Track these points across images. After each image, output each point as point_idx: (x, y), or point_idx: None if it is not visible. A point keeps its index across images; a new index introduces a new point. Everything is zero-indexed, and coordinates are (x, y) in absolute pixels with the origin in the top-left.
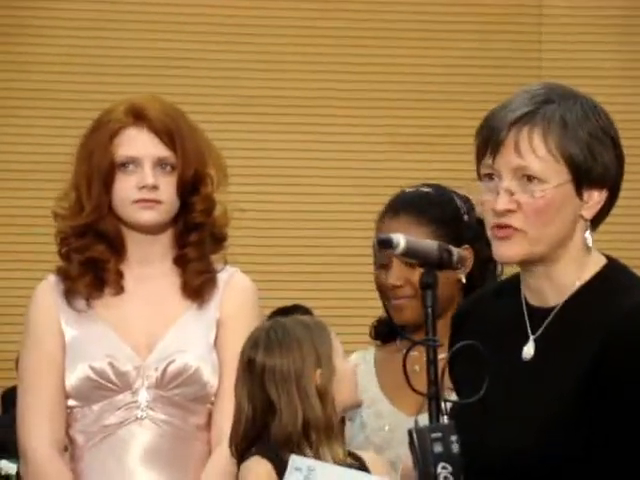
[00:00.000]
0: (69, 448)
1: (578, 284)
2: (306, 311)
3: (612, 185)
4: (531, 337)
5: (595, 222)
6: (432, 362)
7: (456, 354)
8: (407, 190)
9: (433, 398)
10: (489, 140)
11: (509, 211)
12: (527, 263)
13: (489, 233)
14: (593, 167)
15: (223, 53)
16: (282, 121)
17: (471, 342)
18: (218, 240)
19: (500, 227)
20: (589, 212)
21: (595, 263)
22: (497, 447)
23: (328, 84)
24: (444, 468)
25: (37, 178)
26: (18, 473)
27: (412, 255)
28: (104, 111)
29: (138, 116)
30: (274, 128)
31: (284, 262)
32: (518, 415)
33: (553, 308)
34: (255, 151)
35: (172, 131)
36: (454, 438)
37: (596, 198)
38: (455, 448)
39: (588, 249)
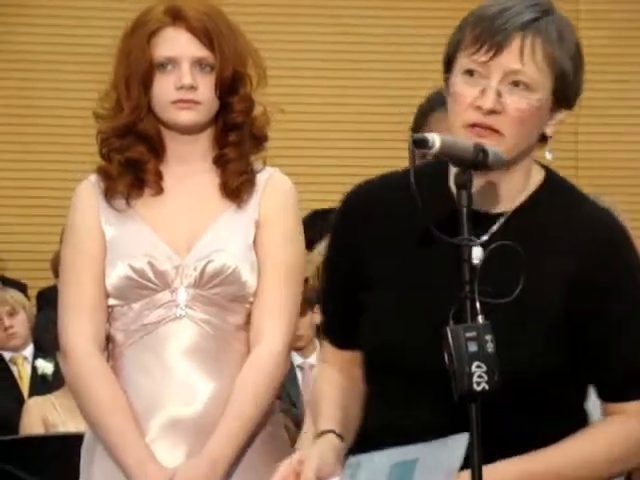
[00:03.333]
0: (109, 346)
1: (527, 192)
2: None
3: (572, 108)
4: (476, 240)
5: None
6: (467, 262)
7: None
8: None
9: (468, 298)
10: (489, 38)
11: (494, 111)
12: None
13: (458, 129)
14: (571, 86)
15: None
16: (326, 22)
17: (508, 242)
18: (258, 140)
19: (480, 127)
20: (551, 130)
21: (537, 173)
22: None
23: None
24: (478, 367)
25: (76, 77)
26: (54, 372)
27: (447, 155)
28: (143, 11)
29: (176, 16)
30: (318, 29)
31: (323, 164)
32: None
33: (499, 214)
34: (299, 52)
35: (210, 31)
36: (489, 337)
37: (558, 117)
38: (490, 347)
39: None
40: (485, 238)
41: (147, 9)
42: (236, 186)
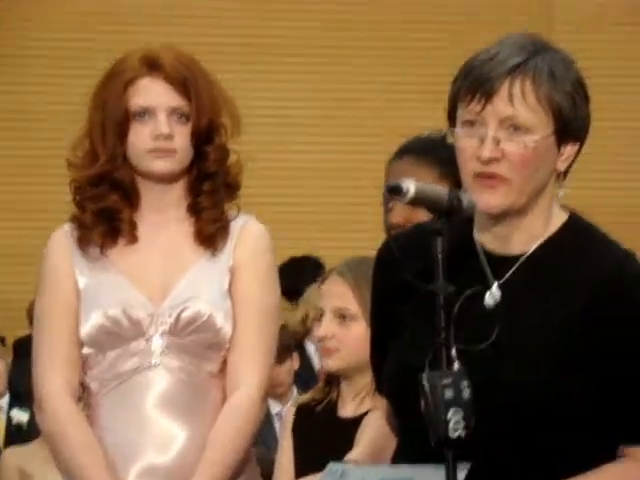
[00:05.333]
0: (84, 396)
1: (546, 234)
2: (316, 261)
3: (583, 139)
4: (495, 283)
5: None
6: (442, 308)
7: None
8: (416, 135)
9: (443, 345)
10: (479, 88)
11: (494, 159)
12: (504, 213)
13: (468, 181)
14: (574, 120)
15: (237, 2)
16: (299, 70)
17: (479, 288)
18: (232, 188)
19: (485, 176)
20: (563, 165)
21: (559, 215)
22: (490, 389)
23: (350, 34)
24: (455, 414)
25: (50, 127)
26: (29, 422)
27: (422, 202)
28: (118, 60)
29: (153, 65)
30: (289, 77)
31: (297, 211)
32: (501, 358)
33: (517, 256)
34: (271, 100)
35: (187, 80)
36: (465, 384)
37: (569, 151)
38: (466, 394)
39: (553, 201)
40: (503, 280)
41: (122, 58)
42: (210, 234)
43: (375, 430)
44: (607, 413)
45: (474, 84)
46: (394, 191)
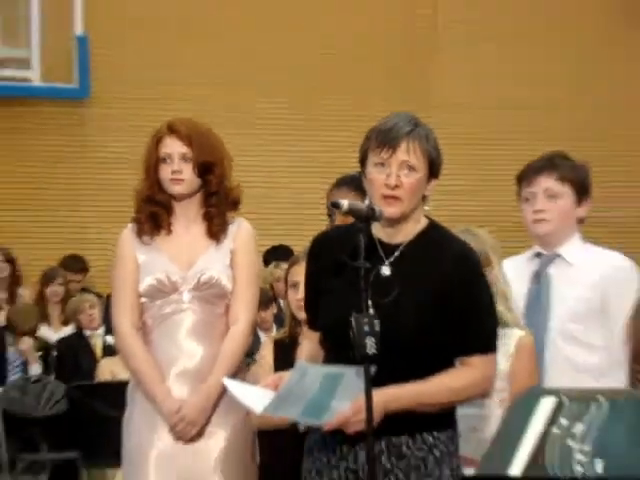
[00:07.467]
0: (143, 327)
1: (416, 231)
2: (289, 249)
3: (437, 177)
4: (386, 261)
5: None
6: (363, 277)
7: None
8: (346, 174)
9: (365, 299)
10: (387, 143)
11: (396, 186)
12: (397, 218)
13: (377, 200)
14: (436, 165)
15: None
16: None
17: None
18: (235, 204)
19: (390, 197)
20: (428, 192)
21: (423, 221)
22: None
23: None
24: (369, 339)
25: (124, 178)
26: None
27: (351, 212)
28: (158, 127)
29: (171, 130)
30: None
31: (278, 212)
32: (393, 310)
33: (399, 244)
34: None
35: (191, 137)
36: (376, 322)
37: (432, 184)
38: (377, 327)
39: (421, 213)
40: (391, 259)
41: (160, 125)
42: (216, 232)
43: (310, 349)
44: (455, 336)
45: (384, 141)
46: (335, 206)
